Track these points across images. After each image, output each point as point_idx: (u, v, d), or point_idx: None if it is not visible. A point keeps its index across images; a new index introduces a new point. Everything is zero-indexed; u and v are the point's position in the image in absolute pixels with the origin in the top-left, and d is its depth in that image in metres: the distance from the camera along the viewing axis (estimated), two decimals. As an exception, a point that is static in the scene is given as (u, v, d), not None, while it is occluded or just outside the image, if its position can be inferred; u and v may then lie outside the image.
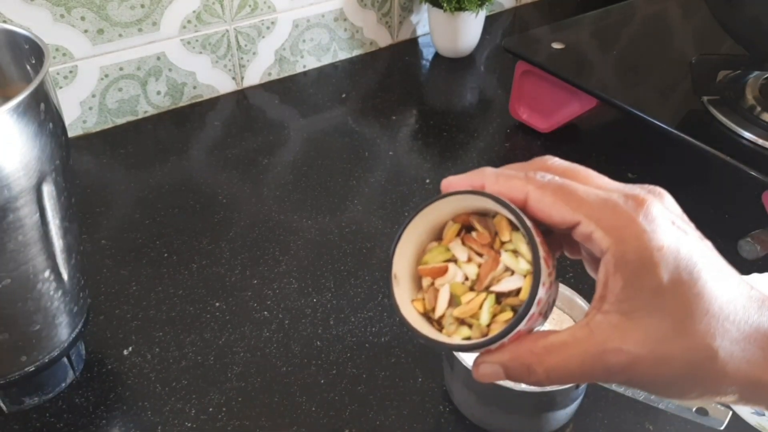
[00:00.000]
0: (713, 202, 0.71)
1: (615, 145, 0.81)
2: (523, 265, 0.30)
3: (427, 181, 0.76)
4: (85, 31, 0.77)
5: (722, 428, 0.44)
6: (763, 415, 0.48)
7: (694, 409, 0.44)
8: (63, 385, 0.53)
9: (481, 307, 0.30)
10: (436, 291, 0.32)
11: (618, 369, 0.27)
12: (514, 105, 0.84)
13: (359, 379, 0.54)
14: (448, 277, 0.31)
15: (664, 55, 0.80)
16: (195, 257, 0.65)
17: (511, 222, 0.30)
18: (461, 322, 0.31)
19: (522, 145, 0.82)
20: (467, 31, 0.98)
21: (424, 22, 1.06)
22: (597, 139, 0.83)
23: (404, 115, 0.88)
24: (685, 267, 0.27)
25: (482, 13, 0.97)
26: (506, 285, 0.30)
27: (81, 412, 0.52)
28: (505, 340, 0.29)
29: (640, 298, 0.27)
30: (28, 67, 0.47)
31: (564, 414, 0.49)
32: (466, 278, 0.31)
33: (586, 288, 0.53)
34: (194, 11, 0.83)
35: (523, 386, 0.47)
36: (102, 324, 0.59)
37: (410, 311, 0.32)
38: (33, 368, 0.48)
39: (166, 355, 0.56)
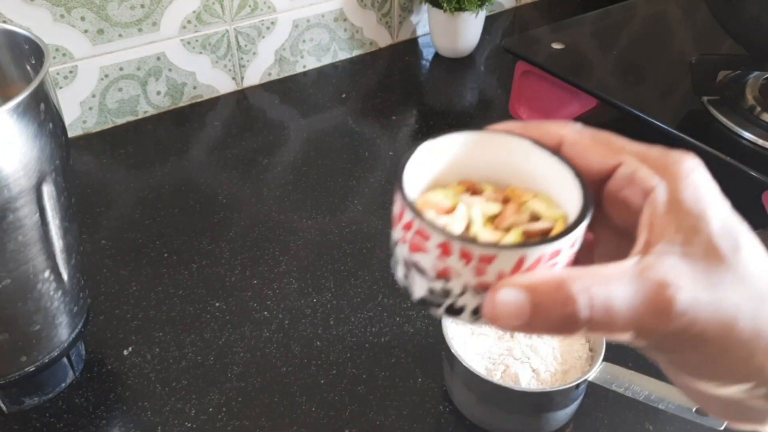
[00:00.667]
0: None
1: (615, 145, 0.81)
2: (556, 211, 0.25)
3: (427, 181, 0.76)
4: (85, 31, 0.77)
5: (722, 428, 0.44)
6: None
7: (694, 410, 0.44)
8: (63, 385, 0.53)
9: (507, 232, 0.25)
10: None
11: (677, 309, 0.21)
12: (514, 105, 0.84)
13: (359, 379, 0.54)
14: (456, 218, 0.25)
15: (664, 55, 0.80)
16: (195, 257, 0.65)
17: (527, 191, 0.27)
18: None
19: (522, 145, 0.82)
20: (467, 31, 0.98)
21: (424, 22, 1.06)
22: (597, 139, 0.83)
23: (404, 115, 0.88)
24: (734, 218, 0.24)
25: (482, 13, 0.97)
26: (536, 226, 0.25)
27: (81, 412, 0.52)
28: (545, 252, 0.22)
29: (697, 243, 0.22)
30: (28, 68, 0.47)
31: (564, 414, 0.49)
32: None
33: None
34: (194, 11, 0.83)
35: (523, 386, 0.47)
36: (102, 324, 0.59)
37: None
38: (33, 368, 0.48)
39: (166, 355, 0.56)
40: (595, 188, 0.26)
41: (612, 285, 0.21)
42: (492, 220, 0.26)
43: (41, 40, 0.45)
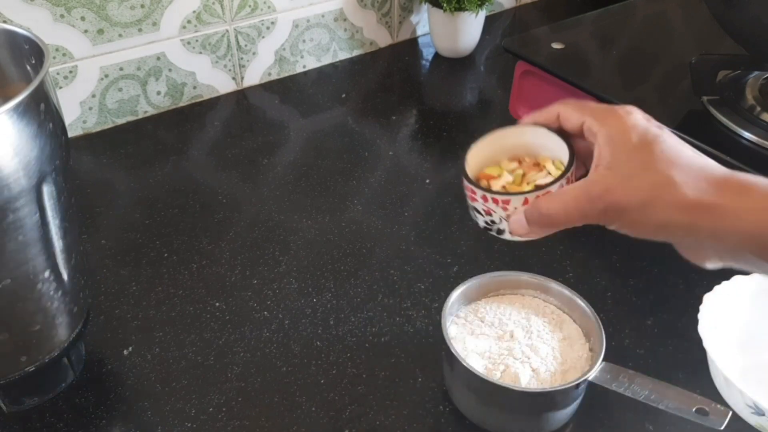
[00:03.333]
0: (713, 202, 0.71)
1: (615, 145, 0.81)
2: (556, 171, 0.44)
3: (427, 181, 0.76)
4: (85, 31, 0.77)
5: (722, 428, 0.44)
6: (763, 414, 0.48)
7: (693, 409, 0.44)
8: (63, 385, 0.53)
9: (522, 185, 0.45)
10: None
11: (600, 196, 0.39)
12: (514, 105, 0.84)
13: (359, 379, 0.54)
14: (501, 179, 0.46)
15: (664, 55, 0.80)
16: (195, 257, 0.65)
17: (549, 161, 0.46)
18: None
19: (522, 145, 0.82)
20: (467, 31, 0.98)
21: (424, 22, 1.06)
22: (597, 139, 0.83)
23: (404, 115, 0.88)
24: (651, 134, 0.39)
25: (482, 14, 0.97)
26: (544, 180, 0.44)
27: (81, 412, 0.52)
28: (539, 193, 0.42)
29: (620, 158, 0.39)
30: (28, 68, 0.47)
31: (564, 414, 0.50)
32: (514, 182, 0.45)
33: (585, 288, 0.53)
34: (194, 11, 0.83)
35: (523, 386, 0.47)
36: (102, 324, 0.59)
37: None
38: (33, 368, 0.48)
39: (166, 355, 0.56)
40: (580, 141, 0.44)
41: (565, 196, 0.40)
42: (521, 177, 0.45)
43: (41, 40, 0.45)
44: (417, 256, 0.66)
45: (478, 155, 0.47)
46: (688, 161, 0.39)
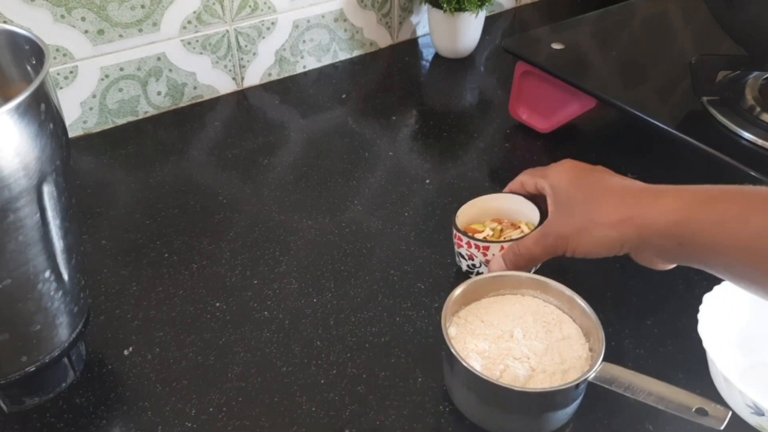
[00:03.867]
0: (713, 203, 0.71)
1: (615, 145, 0.81)
2: (527, 230, 0.60)
3: (427, 181, 0.76)
4: (86, 31, 0.77)
5: (722, 428, 0.44)
6: (763, 414, 0.48)
7: (693, 409, 0.44)
8: (63, 385, 0.53)
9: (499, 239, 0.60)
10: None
11: (549, 232, 0.53)
12: (514, 105, 0.84)
13: (359, 379, 0.54)
14: (483, 233, 0.61)
15: (664, 55, 0.81)
16: (195, 257, 0.65)
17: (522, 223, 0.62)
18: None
19: (522, 145, 0.83)
20: (467, 31, 0.98)
21: (424, 23, 1.06)
22: (597, 139, 0.83)
23: (404, 115, 0.88)
24: (581, 175, 0.54)
25: (482, 14, 0.97)
26: (517, 236, 0.59)
27: (81, 413, 0.52)
28: (512, 243, 0.57)
29: (560, 200, 0.54)
30: (29, 68, 0.47)
31: (564, 414, 0.50)
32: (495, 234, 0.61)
33: (585, 288, 0.53)
34: (194, 12, 0.83)
35: (522, 386, 0.47)
36: (102, 324, 0.59)
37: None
38: (33, 368, 0.49)
39: (166, 355, 0.56)
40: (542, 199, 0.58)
41: (528, 239, 0.55)
42: (500, 232, 0.61)
43: (41, 40, 0.45)
44: (417, 256, 0.66)
45: (466, 213, 0.62)
46: (611, 187, 0.51)
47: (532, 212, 0.60)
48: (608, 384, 0.47)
